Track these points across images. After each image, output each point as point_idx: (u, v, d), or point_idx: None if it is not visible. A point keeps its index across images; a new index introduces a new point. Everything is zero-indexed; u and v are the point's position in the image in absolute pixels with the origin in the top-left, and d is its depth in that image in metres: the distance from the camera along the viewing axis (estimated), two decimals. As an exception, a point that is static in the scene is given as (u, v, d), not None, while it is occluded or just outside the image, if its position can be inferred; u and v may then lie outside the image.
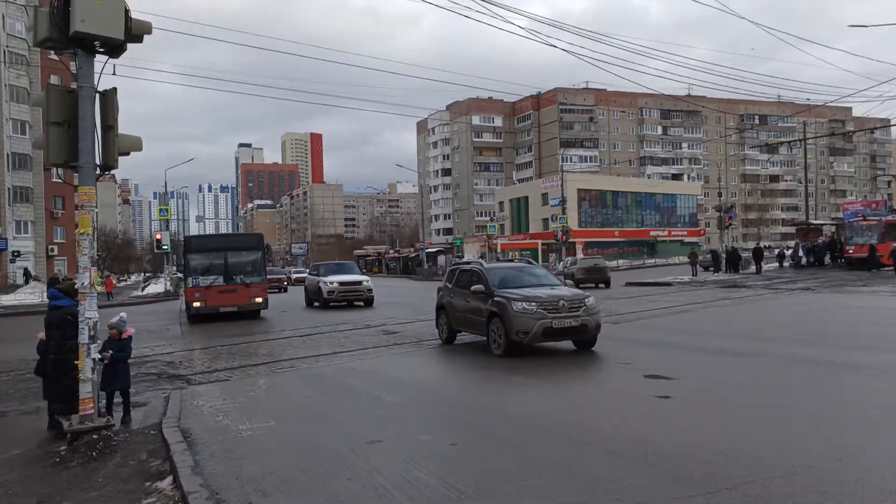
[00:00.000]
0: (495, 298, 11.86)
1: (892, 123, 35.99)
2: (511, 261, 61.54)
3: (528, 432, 6.54)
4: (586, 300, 11.85)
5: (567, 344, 12.15)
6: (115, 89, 7.48)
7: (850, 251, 34.68)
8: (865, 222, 37.24)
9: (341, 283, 25.42)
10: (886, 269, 30.92)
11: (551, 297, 11.75)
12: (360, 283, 25.99)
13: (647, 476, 5.05)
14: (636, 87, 34.89)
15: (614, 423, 6.71)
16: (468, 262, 15.81)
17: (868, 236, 35.41)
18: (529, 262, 15.68)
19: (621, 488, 4.81)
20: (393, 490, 5.04)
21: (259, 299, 22.10)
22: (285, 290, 42.46)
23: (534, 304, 11.36)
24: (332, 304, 25.37)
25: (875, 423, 6.40)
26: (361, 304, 25.76)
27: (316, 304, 26.75)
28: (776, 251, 39.53)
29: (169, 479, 5.82)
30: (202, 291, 21.53)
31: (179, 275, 67.30)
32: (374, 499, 4.88)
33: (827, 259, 38.17)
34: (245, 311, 22.24)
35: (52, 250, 59.98)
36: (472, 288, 12.72)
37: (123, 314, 8.68)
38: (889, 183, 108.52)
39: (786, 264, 40.71)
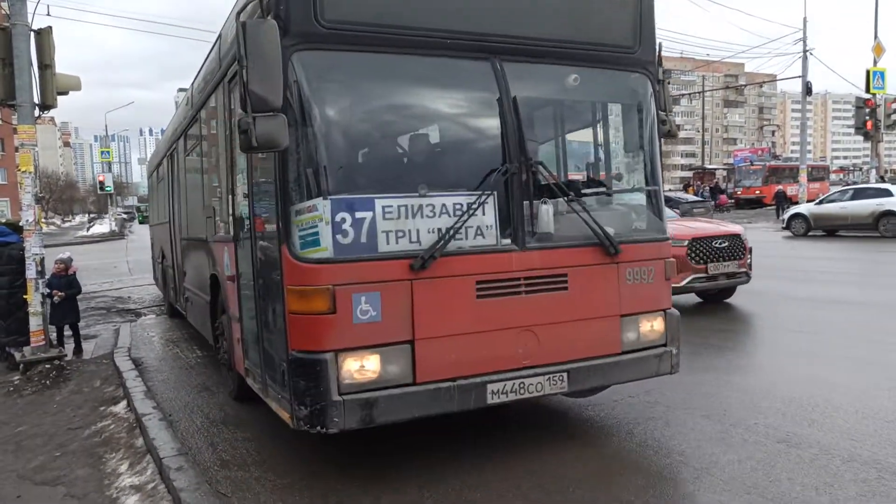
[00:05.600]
0: None
1: (777, 78, 37.32)
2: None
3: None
4: None
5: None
6: (50, 28, 6.94)
7: (739, 192, 37.05)
8: (752, 167, 39.00)
9: None
10: (769, 207, 32.49)
11: None
12: None
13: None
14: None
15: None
16: None
17: (754, 179, 37.26)
18: None
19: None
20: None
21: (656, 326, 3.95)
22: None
23: None
24: None
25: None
26: None
27: None
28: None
29: (123, 403, 5.69)
30: (397, 303, 3.08)
31: (125, 215, 63.01)
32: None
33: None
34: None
35: (-6, 192, 56.64)
36: None
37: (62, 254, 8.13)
38: (773, 132, 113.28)
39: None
